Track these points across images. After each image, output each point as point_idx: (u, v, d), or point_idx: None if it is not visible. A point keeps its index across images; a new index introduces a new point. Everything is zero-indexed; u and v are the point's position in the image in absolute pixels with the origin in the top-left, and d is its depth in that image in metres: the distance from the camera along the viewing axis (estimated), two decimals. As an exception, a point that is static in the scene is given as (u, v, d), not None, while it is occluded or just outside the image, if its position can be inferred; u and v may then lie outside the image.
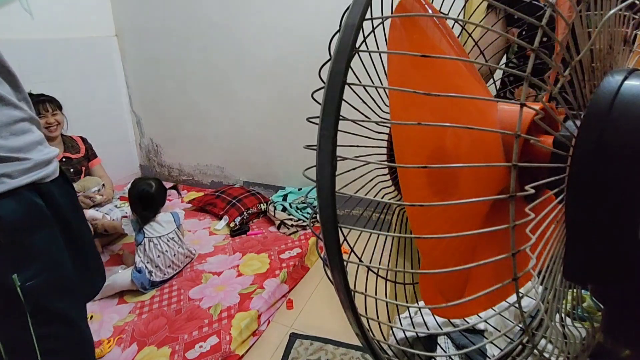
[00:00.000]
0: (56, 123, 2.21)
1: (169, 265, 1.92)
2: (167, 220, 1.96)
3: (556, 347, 0.40)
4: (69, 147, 2.36)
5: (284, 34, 2.38)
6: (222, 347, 1.52)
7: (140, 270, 1.83)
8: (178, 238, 1.98)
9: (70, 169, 2.31)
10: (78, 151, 2.37)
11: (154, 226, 1.92)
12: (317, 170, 0.32)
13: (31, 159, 0.72)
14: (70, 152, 2.34)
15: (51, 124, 2.19)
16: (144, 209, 1.91)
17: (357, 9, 0.31)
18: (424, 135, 0.44)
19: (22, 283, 0.70)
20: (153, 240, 1.89)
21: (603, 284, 0.37)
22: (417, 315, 1.22)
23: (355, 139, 0.59)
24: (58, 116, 2.22)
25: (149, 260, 1.87)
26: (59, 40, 2.53)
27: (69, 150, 2.34)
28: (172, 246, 1.93)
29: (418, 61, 0.41)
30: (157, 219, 1.94)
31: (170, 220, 1.98)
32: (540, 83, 0.34)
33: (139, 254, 1.87)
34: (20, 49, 2.31)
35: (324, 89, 0.32)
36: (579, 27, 0.39)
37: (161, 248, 1.90)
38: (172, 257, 1.94)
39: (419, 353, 0.42)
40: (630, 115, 0.32)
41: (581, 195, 0.34)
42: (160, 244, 1.89)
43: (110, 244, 2.20)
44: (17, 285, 0.69)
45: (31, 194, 0.71)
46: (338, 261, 0.34)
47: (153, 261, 1.88)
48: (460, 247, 0.46)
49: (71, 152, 2.35)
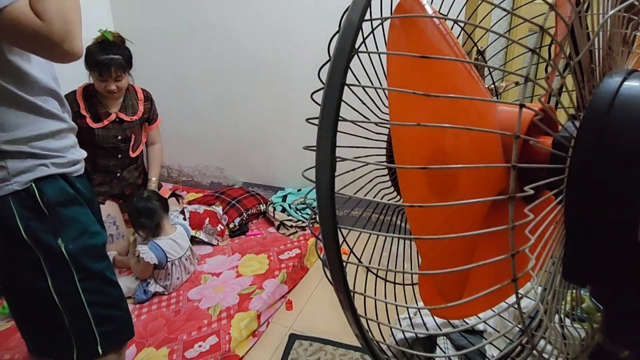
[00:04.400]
0: (116, 90, 1.98)
1: (181, 283, 1.90)
2: (181, 236, 1.91)
3: (555, 347, 0.40)
4: (127, 106, 2.13)
5: (284, 35, 2.38)
6: (222, 347, 1.51)
7: (147, 293, 1.79)
8: (191, 252, 1.95)
9: (118, 136, 2.10)
10: (135, 112, 2.14)
11: (173, 246, 1.85)
12: (317, 171, 0.32)
13: (66, 156, 0.92)
14: (124, 113, 2.11)
15: (112, 90, 1.98)
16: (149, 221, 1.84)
17: (357, 10, 0.31)
18: (424, 136, 0.44)
19: (65, 245, 0.87)
20: (175, 263, 1.83)
21: (602, 284, 0.37)
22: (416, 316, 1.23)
23: (355, 140, 0.59)
24: (122, 81, 1.99)
25: (168, 283, 1.82)
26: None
27: (124, 111, 2.11)
28: (187, 266, 1.90)
29: (417, 62, 0.41)
30: (173, 236, 1.87)
31: (184, 236, 1.93)
32: (540, 84, 0.34)
33: (159, 276, 1.81)
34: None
35: (324, 89, 0.32)
36: (578, 28, 0.39)
37: (182, 269, 1.86)
38: (187, 275, 1.92)
39: (419, 354, 0.42)
40: (629, 116, 0.32)
41: (580, 196, 0.34)
42: (181, 265, 1.86)
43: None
44: (62, 247, 0.87)
45: (62, 182, 0.90)
46: (337, 262, 0.34)
47: (172, 283, 1.83)
48: (459, 247, 0.46)
49: (125, 113, 2.11)
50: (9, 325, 1.61)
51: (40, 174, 0.85)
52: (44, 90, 0.87)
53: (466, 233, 0.33)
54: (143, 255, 1.72)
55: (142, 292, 1.78)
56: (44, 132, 0.87)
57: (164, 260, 1.78)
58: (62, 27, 0.71)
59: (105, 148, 2.08)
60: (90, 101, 2.03)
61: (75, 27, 0.74)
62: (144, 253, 1.72)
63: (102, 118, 2.03)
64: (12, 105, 0.82)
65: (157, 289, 1.81)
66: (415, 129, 0.42)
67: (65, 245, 0.88)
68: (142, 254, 1.72)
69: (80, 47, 0.76)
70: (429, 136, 0.44)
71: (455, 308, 0.49)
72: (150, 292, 1.79)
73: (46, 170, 0.86)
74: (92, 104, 2.03)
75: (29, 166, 0.84)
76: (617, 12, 0.41)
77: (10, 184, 0.82)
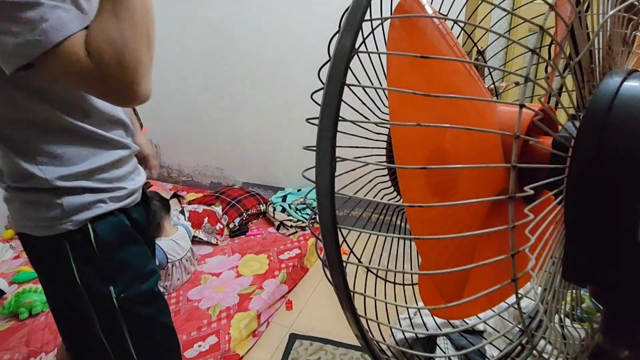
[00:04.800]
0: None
1: (181, 284, 1.90)
2: (182, 237, 1.91)
3: (555, 347, 0.40)
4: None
5: (284, 35, 2.38)
6: (222, 347, 1.52)
7: None
8: (191, 253, 1.95)
9: None
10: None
11: (174, 247, 1.84)
12: (317, 171, 0.32)
13: (126, 188, 0.82)
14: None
15: None
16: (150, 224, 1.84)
17: (357, 10, 0.31)
18: (423, 136, 0.44)
19: (117, 295, 0.79)
20: (176, 264, 1.84)
21: (602, 285, 0.37)
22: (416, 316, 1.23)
23: (355, 140, 0.59)
24: None
25: (168, 284, 1.82)
26: (58, 40, 2.53)
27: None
28: (187, 267, 1.90)
29: (417, 62, 0.41)
30: (174, 237, 1.86)
31: (185, 237, 1.93)
32: (540, 84, 0.34)
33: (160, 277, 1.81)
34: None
35: (324, 89, 0.32)
36: (578, 28, 0.39)
37: (182, 270, 1.86)
38: (187, 275, 1.92)
39: (418, 354, 0.42)
40: (629, 116, 0.32)
41: (580, 196, 0.34)
42: (182, 266, 1.86)
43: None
44: (113, 295, 0.79)
45: (121, 216, 0.82)
46: (337, 262, 0.34)
47: (173, 284, 1.84)
48: (459, 247, 0.46)
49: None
50: (9, 325, 1.62)
51: (97, 212, 0.77)
52: (108, 119, 0.77)
53: (466, 233, 0.33)
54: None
55: None
56: (105, 163, 0.77)
57: (165, 261, 1.78)
58: (121, 69, 0.59)
59: None
60: None
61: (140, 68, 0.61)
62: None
63: None
64: (72, 138, 0.72)
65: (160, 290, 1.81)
66: (415, 129, 0.42)
67: (116, 293, 0.80)
68: None
69: (147, 90, 0.64)
70: (428, 136, 0.44)
71: (455, 308, 0.49)
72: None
73: (103, 207, 0.78)
74: None
75: (86, 203, 0.75)
76: (617, 12, 0.41)
77: (65, 224, 0.74)
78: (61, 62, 0.57)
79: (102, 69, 0.58)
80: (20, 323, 1.63)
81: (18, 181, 0.73)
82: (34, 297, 1.68)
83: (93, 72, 0.58)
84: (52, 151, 0.71)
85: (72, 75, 0.59)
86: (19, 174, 0.72)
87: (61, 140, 0.71)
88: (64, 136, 0.72)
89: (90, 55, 0.57)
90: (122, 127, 0.82)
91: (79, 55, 0.57)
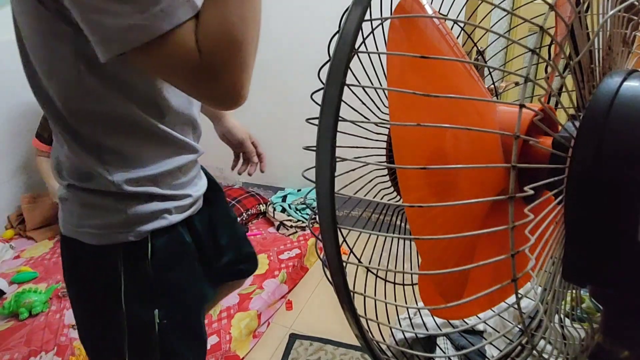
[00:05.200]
0: None
1: None
2: None
3: (555, 348, 0.40)
4: None
5: (283, 34, 2.38)
6: (222, 347, 1.52)
7: None
8: None
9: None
10: None
11: None
12: (317, 171, 0.32)
13: (191, 195, 0.75)
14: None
15: None
16: None
17: (357, 10, 0.31)
18: (423, 136, 0.44)
19: (160, 320, 0.71)
20: None
21: (602, 285, 0.37)
22: (416, 316, 1.23)
23: (355, 140, 0.59)
24: None
25: None
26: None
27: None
28: None
29: (417, 62, 0.41)
30: None
31: None
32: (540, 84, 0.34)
33: None
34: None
35: (323, 90, 0.32)
36: (578, 29, 0.39)
37: None
38: None
39: (418, 354, 0.42)
40: (629, 116, 0.32)
41: (580, 196, 0.34)
42: None
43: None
44: (156, 321, 0.71)
45: (182, 231, 0.75)
46: (337, 262, 0.34)
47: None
48: (459, 247, 0.46)
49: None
50: (9, 325, 1.61)
51: (161, 223, 0.69)
52: (182, 119, 0.70)
53: (466, 233, 0.33)
54: None
55: None
56: (173, 168, 0.70)
57: None
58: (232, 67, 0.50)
59: None
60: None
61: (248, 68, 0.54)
62: None
63: None
64: (144, 138, 0.65)
65: None
66: (415, 129, 0.42)
67: (160, 318, 0.71)
68: None
69: (247, 93, 0.56)
70: (428, 136, 0.44)
71: (455, 308, 0.49)
72: None
73: (168, 219, 0.70)
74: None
75: (151, 212, 0.68)
76: (617, 12, 0.41)
77: (125, 233, 0.66)
78: (166, 53, 0.48)
79: (212, 65, 0.49)
80: (20, 323, 1.63)
81: (81, 180, 0.66)
82: (34, 297, 1.68)
83: (201, 68, 0.49)
84: (121, 151, 0.64)
85: (175, 69, 0.50)
86: (82, 172, 0.65)
87: (132, 139, 0.64)
88: (136, 135, 0.64)
89: (201, 48, 0.48)
90: (192, 129, 0.74)
91: (188, 48, 0.48)
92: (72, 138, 0.63)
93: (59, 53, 0.55)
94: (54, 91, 0.59)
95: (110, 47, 0.47)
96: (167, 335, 0.72)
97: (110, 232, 0.66)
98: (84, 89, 0.58)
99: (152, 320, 0.70)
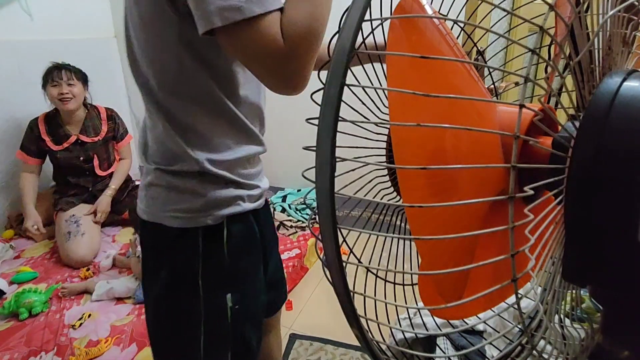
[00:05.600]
0: (70, 96, 1.97)
1: None
2: None
3: (555, 348, 0.40)
4: (88, 127, 2.11)
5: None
6: (222, 348, 1.51)
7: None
8: None
9: (80, 157, 2.10)
10: (97, 133, 2.14)
11: None
12: (317, 171, 0.32)
13: (260, 186, 0.79)
14: (85, 135, 2.10)
15: (64, 94, 1.95)
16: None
17: (357, 11, 0.31)
18: (423, 136, 0.44)
19: (232, 305, 0.74)
20: None
21: (602, 285, 0.37)
22: (416, 316, 1.23)
23: (355, 140, 0.59)
24: (75, 88, 1.98)
25: None
26: (58, 41, 2.53)
27: (85, 132, 2.10)
28: None
29: (417, 62, 0.41)
30: None
31: None
32: (540, 84, 0.34)
33: None
34: (19, 50, 2.31)
35: (324, 90, 0.32)
36: (578, 29, 0.39)
37: None
38: None
39: (418, 354, 0.42)
40: (629, 116, 0.32)
41: (580, 196, 0.34)
42: None
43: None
44: (228, 305, 0.74)
45: (252, 220, 0.78)
46: (337, 262, 0.34)
47: None
48: (459, 248, 0.46)
49: (87, 135, 2.11)
50: (9, 325, 1.62)
51: (236, 209, 0.73)
52: (255, 110, 0.75)
53: (466, 233, 0.33)
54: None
55: (142, 292, 1.78)
56: (245, 156, 0.74)
57: None
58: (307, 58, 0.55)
59: (70, 168, 2.12)
60: (51, 124, 2.08)
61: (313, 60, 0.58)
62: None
63: (62, 141, 2.07)
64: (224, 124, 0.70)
65: None
66: (415, 130, 0.42)
67: (232, 302, 0.74)
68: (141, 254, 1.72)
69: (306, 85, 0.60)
70: (428, 136, 0.44)
71: (455, 308, 0.49)
72: None
73: (242, 206, 0.74)
74: (52, 127, 2.08)
75: (228, 197, 0.72)
76: (617, 12, 0.41)
77: (205, 217, 0.71)
78: (253, 36, 0.54)
79: (293, 52, 0.54)
80: (20, 323, 1.63)
81: (167, 163, 0.71)
82: (33, 297, 1.68)
83: (281, 54, 0.54)
84: (204, 133, 0.69)
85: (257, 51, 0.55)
86: (169, 153, 0.70)
87: (214, 123, 0.69)
88: (218, 119, 0.70)
89: (285, 37, 0.54)
90: (259, 122, 0.78)
91: (274, 34, 0.54)
92: (165, 118, 0.69)
93: (164, 37, 0.63)
94: (153, 74, 0.67)
95: (209, 20, 0.54)
96: (238, 320, 0.76)
97: (192, 215, 0.71)
98: (181, 72, 0.65)
99: (225, 305, 0.74)
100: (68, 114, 2.05)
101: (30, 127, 2.06)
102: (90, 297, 1.80)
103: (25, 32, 2.36)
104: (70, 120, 2.09)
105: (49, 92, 1.98)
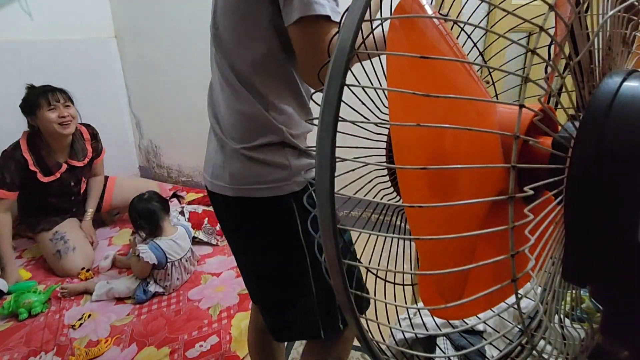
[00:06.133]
0: (70, 118, 1.91)
1: (181, 283, 1.90)
2: (182, 237, 1.91)
3: (555, 348, 0.40)
4: (77, 151, 2.07)
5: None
6: (223, 347, 1.52)
7: (147, 293, 1.79)
8: (191, 253, 1.95)
9: (71, 182, 2.06)
10: (85, 155, 2.10)
11: (174, 247, 1.84)
12: (316, 171, 0.32)
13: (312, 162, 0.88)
14: (75, 159, 2.06)
15: (65, 117, 1.89)
16: (149, 225, 1.84)
17: (356, 11, 0.31)
18: (423, 137, 0.44)
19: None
20: (175, 264, 1.83)
21: (602, 285, 0.37)
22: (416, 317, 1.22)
23: (355, 140, 0.59)
24: (72, 109, 1.95)
25: (168, 284, 1.82)
26: (58, 41, 2.53)
27: (75, 157, 2.06)
28: (187, 267, 1.90)
29: (417, 62, 0.41)
30: (173, 237, 1.86)
31: (185, 237, 1.93)
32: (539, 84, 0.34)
33: (158, 276, 1.81)
34: (19, 50, 2.31)
35: (323, 90, 0.32)
36: (578, 29, 0.39)
37: (182, 270, 1.86)
38: (187, 275, 1.92)
39: (418, 354, 0.42)
40: (629, 117, 0.32)
41: (580, 196, 0.34)
42: (181, 266, 1.86)
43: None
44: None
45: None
46: (337, 262, 0.34)
47: (172, 284, 1.83)
48: (459, 248, 0.46)
49: (77, 159, 2.06)
50: (9, 325, 1.62)
51: (311, 174, 0.83)
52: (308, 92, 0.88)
53: (466, 233, 0.33)
54: (143, 255, 1.72)
55: (142, 292, 1.78)
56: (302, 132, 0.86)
57: (164, 260, 1.78)
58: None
59: (56, 193, 2.04)
60: (38, 154, 1.93)
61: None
62: (143, 253, 1.73)
63: (54, 170, 1.97)
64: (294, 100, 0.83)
65: (157, 290, 1.81)
66: (415, 130, 0.42)
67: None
68: (141, 254, 1.72)
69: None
70: (428, 136, 0.44)
71: (454, 308, 0.49)
72: (150, 292, 1.79)
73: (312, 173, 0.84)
74: (40, 157, 1.93)
75: (304, 164, 0.84)
76: (617, 12, 0.41)
77: (291, 184, 0.82)
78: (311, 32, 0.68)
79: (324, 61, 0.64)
80: (19, 323, 1.63)
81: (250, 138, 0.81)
82: (33, 298, 1.68)
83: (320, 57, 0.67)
84: (284, 108, 0.81)
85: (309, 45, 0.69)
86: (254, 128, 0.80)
87: (289, 100, 0.82)
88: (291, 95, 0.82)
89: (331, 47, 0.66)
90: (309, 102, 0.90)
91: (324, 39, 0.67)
92: (252, 95, 0.80)
93: (257, 22, 0.75)
94: (242, 53, 0.79)
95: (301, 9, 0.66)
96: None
97: (281, 184, 0.82)
98: (268, 52, 0.77)
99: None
100: (60, 139, 1.94)
101: (15, 159, 1.87)
102: (90, 297, 1.81)
103: (25, 32, 2.36)
104: (59, 146, 1.98)
105: (45, 116, 1.85)
